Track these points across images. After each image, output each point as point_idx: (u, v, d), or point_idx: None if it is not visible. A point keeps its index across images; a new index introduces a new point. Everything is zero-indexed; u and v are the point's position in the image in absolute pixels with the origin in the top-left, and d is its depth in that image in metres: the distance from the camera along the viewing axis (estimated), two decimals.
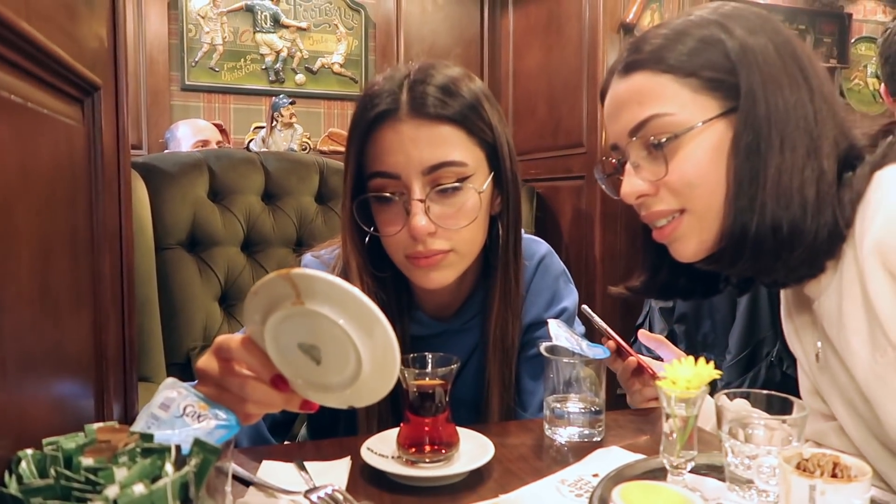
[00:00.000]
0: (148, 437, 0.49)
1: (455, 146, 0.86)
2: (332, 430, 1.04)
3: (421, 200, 0.85)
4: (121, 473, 0.44)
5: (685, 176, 0.76)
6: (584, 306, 0.99)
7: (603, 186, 0.88)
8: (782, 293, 0.93)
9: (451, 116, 0.85)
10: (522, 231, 1.01)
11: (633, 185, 0.79)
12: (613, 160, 0.85)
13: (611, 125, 0.83)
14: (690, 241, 0.79)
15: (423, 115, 0.85)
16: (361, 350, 0.58)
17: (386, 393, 0.62)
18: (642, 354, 0.99)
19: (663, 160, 0.76)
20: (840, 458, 0.57)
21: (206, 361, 0.66)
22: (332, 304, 0.57)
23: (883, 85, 1.76)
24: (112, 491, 0.42)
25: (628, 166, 0.80)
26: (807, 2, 4.90)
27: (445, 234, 0.87)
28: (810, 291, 0.81)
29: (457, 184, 0.86)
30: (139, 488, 0.42)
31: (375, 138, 0.87)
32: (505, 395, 0.98)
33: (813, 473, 0.56)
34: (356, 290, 0.56)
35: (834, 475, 0.56)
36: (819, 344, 0.83)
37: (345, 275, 0.92)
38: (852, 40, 5.06)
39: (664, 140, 0.76)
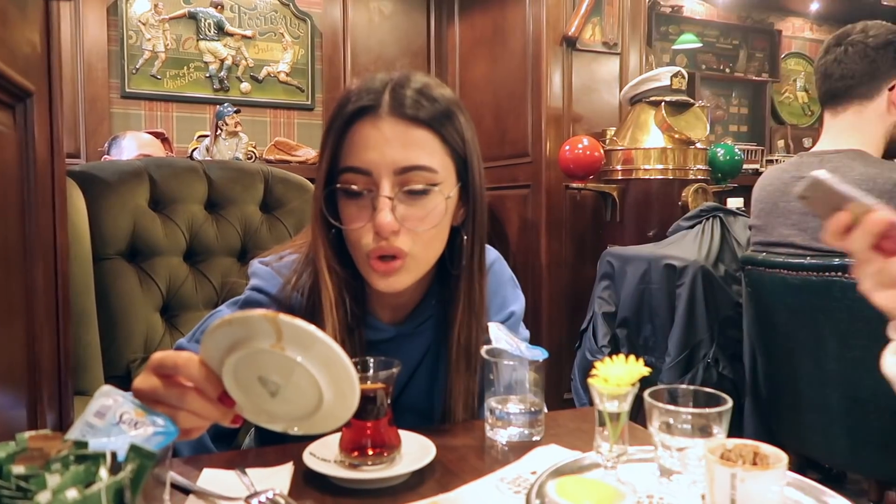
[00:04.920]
0: (82, 444, 0.48)
1: (428, 152, 0.88)
2: (282, 437, 1.03)
3: (389, 198, 0.86)
4: (53, 480, 0.43)
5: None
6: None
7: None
8: None
9: (427, 120, 0.88)
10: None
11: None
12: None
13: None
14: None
15: (402, 115, 0.87)
16: (326, 402, 0.62)
17: (325, 432, 0.67)
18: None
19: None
20: (759, 447, 0.61)
21: (143, 380, 0.65)
22: (313, 360, 0.59)
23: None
24: (44, 497, 0.42)
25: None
26: (739, 18, 5.11)
27: (408, 234, 0.89)
28: None
29: (425, 187, 0.88)
30: (72, 494, 0.42)
31: (353, 132, 0.89)
32: (469, 405, 0.98)
33: (735, 462, 0.59)
34: (341, 352, 0.59)
35: (754, 463, 0.60)
36: None
37: (312, 266, 0.94)
38: (782, 55, 5.30)
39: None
